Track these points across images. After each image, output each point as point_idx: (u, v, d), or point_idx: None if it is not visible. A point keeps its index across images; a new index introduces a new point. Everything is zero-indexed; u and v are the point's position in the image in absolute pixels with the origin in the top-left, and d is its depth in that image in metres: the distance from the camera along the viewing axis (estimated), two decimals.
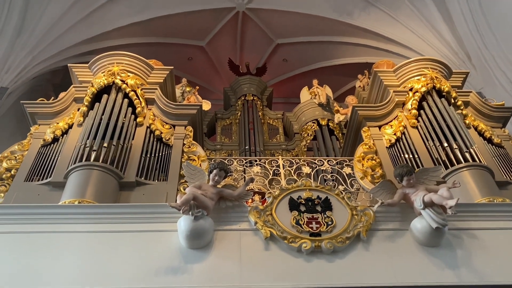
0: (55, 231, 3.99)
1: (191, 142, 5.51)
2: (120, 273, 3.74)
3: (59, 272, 3.71)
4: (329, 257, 3.94)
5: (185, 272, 3.80)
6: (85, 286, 3.63)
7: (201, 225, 3.89)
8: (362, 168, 5.21)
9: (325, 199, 4.35)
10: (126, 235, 4.01)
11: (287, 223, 4.12)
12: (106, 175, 4.64)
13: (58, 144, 5.27)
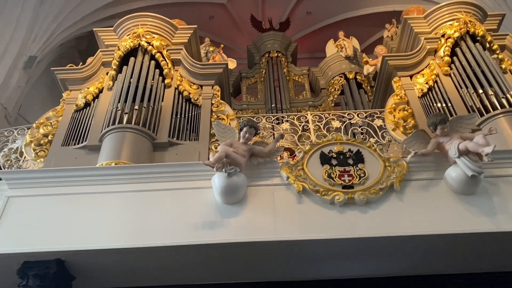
0: (95, 192, 4.15)
1: (219, 101, 5.54)
2: (159, 229, 3.88)
3: (101, 231, 3.88)
4: (363, 209, 3.97)
5: (221, 226, 3.91)
6: (126, 243, 3.80)
7: (235, 181, 3.97)
8: (394, 119, 5.13)
9: (357, 152, 4.34)
10: (163, 193, 4.13)
11: (319, 177, 4.14)
12: (139, 136, 4.75)
13: (90, 109, 5.39)
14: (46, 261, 3.78)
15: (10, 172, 4.24)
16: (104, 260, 3.88)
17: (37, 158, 4.81)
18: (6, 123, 7.74)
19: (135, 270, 4.04)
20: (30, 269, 3.76)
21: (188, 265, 4.04)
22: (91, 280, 4.08)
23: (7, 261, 3.78)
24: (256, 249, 3.89)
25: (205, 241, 3.81)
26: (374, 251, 3.97)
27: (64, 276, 3.90)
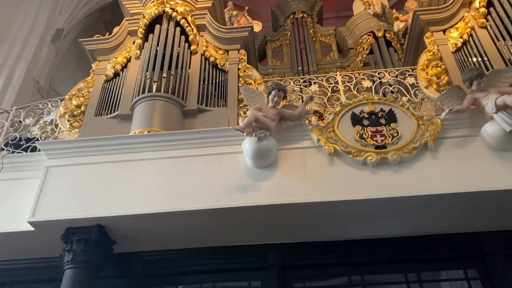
0: (129, 159, 4.25)
1: (246, 66, 5.48)
2: (192, 194, 3.97)
3: (137, 197, 4.00)
4: (396, 168, 3.93)
5: (253, 190, 3.96)
6: (161, 208, 3.90)
7: (265, 145, 3.98)
8: (427, 76, 4.97)
9: (389, 111, 4.25)
10: (195, 159, 4.19)
11: (351, 138, 4.11)
12: (169, 104, 4.79)
13: (119, 78, 5.45)
14: (87, 227, 3.95)
15: (48, 143, 4.38)
16: (141, 224, 4.02)
17: (72, 129, 4.94)
18: (39, 96, 7.96)
19: (170, 233, 4.17)
20: (73, 234, 3.94)
21: (220, 228, 4.14)
22: (131, 243, 4.25)
23: (51, 228, 3.98)
24: (288, 211, 3.93)
25: (237, 204, 3.88)
26: (408, 210, 3.95)
27: (105, 240, 4.07)
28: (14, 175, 4.42)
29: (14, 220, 4.08)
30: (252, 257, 4.35)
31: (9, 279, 4.53)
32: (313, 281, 4.34)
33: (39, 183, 4.16)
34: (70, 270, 3.83)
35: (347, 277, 4.33)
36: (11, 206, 4.19)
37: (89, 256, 3.89)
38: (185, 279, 4.42)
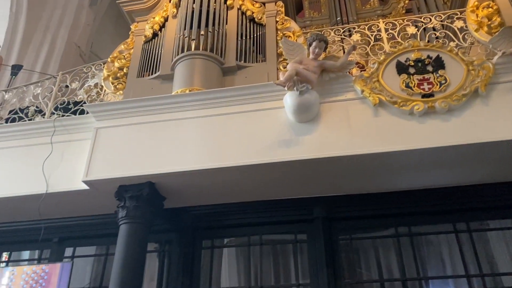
0: (173, 119, 4.33)
1: (283, 18, 5.33)
2: (236, 150, 4.01)
3: (183, 154, 4.09)
4: (444, 117, 3.79)
5: (296, 144, 3.96)
6: (204, 165, 3.99)
7: (307, 99, 3.93)
8: (477, 18, 4.66)
9: (437, 58, 4.06)
10: (236, 116, 4.21)
11: (396, 88, 3.98)
12: (208, 62, 4.78)
13: (158, 38, 5.46)
14: (138, 184, 4.12)
15: (95, 105, 4.52)
16: (187, 181, 4.14)
17: (116, 91, 5.06)
18: (82, 61, 8.16)
19: (217, 189, 4.28)
20: (125, 191, 4.13)
21: (265, 182, 4.20)
22: (180, 199, 4.41)
23: (105, 186, 4.17)
24: (332, 165, 3.92)
25: (280, 159, 3.89)
26: (456, 160, 3.84)
27: (156, 196, 4.24)
28: (66, 138, 4.62)
29: (70, 180, 4.31)
30: (297, 210, 4.43)
31: (69, 235, 4.86)
32: (359, 233, 4.39)
33: (90, 144, 4.34)
34: (125, 225, 4.04)
35: (393, 228, 4.34)
36: (66, 167, 4.42)
37: (142, 211, 4.07)
38: (233, 232, 4.59)
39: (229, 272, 4.54)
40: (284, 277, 4.33)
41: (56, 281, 4.18)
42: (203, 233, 4.60)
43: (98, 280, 4.64)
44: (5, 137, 4.80)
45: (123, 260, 3.85)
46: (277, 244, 4.51)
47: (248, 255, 4.47)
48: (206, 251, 4.55)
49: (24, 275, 4.33)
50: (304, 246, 4.36)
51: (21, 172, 4.51)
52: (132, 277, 3.79)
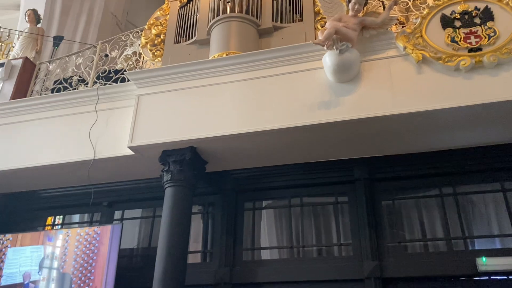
0: (211, 84, 4.34)
1: None
2: (275, 113, 4.00)
3: (222, 119, 4.13)
4: (493, 72, 3.61)
5: (336, 105, 3.90)
6: (244, 129, 4.01)
7: (347, 57, 3.84)
8: None
9: (485, 9, 3.83)
10: (275, 78, 4.17)
11: (441, 43, 3.81)
12: (244, 24, 4.72)
13: (194, 3, 5.40)
14: (181, 149, 4.21)
15: (136, 72, 4.59)
16: (227, 145, 4.20)
17: (154, 58, 5.11)
18: (119, 30, 8.26)
19: (257, 152, 4.32)
20: (169, 156, 4.24)
21: (305, 145, 4.19)
22: (221, 162, 4.49)
23: (149, 151, 4.30)
24: (374, 125, 3.85)
25: (320, 121, 3.85)
26: (504, 116, 3.68)
27: (198, 161, 4.33)
28: (110, 105, 4.76)
29: (116, 146, 4.47)
30: (338, 172, 4.43)
31: (117, 199, 5.09)
32: (401, 194, 4.34)
33: (133, 111, 4.45)
34: (170, 189, 4.17)
35: (437, 188, 4.26)
36: (111, 134, 4.57)
37: (185, 175, 4.19)
38: (274, 194, 4.66)
39: (271, 232, 4.64)
40: (326, 238, 4.38)
41: (108, 242, 4.42)
42: (245, 195, 4.70)
43: (147, 241, 4.87)
44: (52, 106, 4.99)
45: (170, 221, 4.00)
46: (318, 206, 4.53)
47: (289, 216, 4.54)
48: (248, 213, 4.66)
49: (78, 236, 4.60)
50: (345, 207, 4.38)
51: (70, 140, 4.71)
52: (179, 237, 3.94)
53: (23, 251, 4.82)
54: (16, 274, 4.73)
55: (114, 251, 4.35)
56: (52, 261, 4.64)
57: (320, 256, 4.32)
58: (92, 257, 4.42)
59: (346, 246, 4.22)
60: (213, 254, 4.48)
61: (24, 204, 5.44)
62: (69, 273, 4.46)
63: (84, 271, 4.40)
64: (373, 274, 3.86)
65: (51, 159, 4.69)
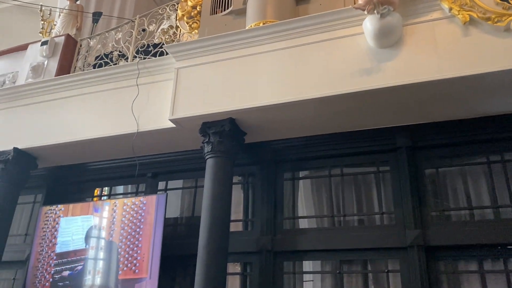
0: (249, 54, 4.32)
1: None
2: (314, 82, 3.95)
3: (261, 90, 4.12)
4: None
5: (378, 71, 3.80)
6: (282, 99, 3.99)
7: (389, 22, 3.71)
8: None
9: None
10: (313, 46, 4.10)
11: (489, 2, 3.60)
12: None
13: None
14: (220, 120, 4.26)
15: (174, 45, 4.63)
16: (266, 115, 4.20)
17: (191, 30, 5.12)
18: (154, 4, 8.28)
19: (296, 122, 4.31)
20: (209, 128, 4.30)
21: (345, 113, 4.13)
22: (260, 133, 4.52)
23: (190, 123, 4.38)
24: (418, 91, 3.74)
25: (361, 89, 3.77)
26: None
27: (237, 132, 4.37)
28: (150, 79, 4.84)
29: (157, 119, 4.57)
30: (379, 141, 4.35)
31: (161, 170, 5.24)
32: (446, 162, 4.23)
33: (172, 84, 4.52)
34: (211, 159, 4.25)
35: (484, 155, 4.12)
36: (153, 107, 4.67)
37: (225, 146, 4.24)
38: (314, 164, 4.65)
39: (311, 202, 4.66)
40: (367, 207, 4.36)
41: (154, 211, 4.60)
42: (284, 165, 4.72)
43: (190, 210, 5.02)
44: (95, 81, 5.14)
45: (212, 191, 4.10)
46: (359, 175, 4.50)
47: (329, 186, 4.54)
48: (287, 183, 4.69)
49: (125, 206, 4.80)
50: (387, 176, 4.32)
51: (113, 114, 4.85)
52: (221, 207, 4.04)
53: (75, 221, 5.09)
54: (69, 242, 5.03)
55: (160, 220, 4.52)
56: (99, 230, 4.88)
57: (361, 225, 4.32)
58: (139, 226, 4.62)
59: (388, 215, 4.19)
60: (254, 223, 4.57)
61: (74, 176, 5.71)
62: (117, 241, 4.69)
63: (132, 239, 4.61)
64: (416, 242, 3.82)
65: (96, 133, 4.87)
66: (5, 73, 6.17)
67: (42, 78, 5.61)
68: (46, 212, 5.31)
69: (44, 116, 5.27)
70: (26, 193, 5.67)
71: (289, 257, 4.31)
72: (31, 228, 5.63)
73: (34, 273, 5.06)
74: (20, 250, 5.51)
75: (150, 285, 4.32)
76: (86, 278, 4.75)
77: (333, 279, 4.16)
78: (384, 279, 3.99)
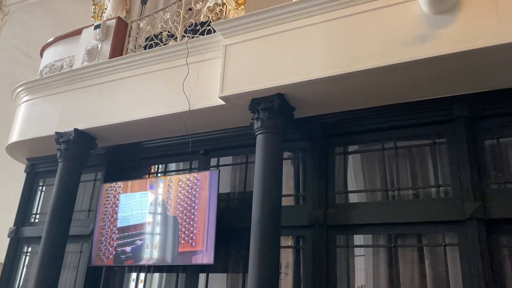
0: (297, 27, 4.25)
1: None
2: (366, 52, 3.83)
3: (310, 63, 4.06)
4: None
5: (433, 39, 3.62)
6: (332, 71, 3.91)
7: None
8: None
9: None
10: (364, 15, 3.96)
11: None
12: None
13: None
14: (269, 96, 4.26)
15: (221, 23, 4.64)
16: (317, 89, 4.15)
17: (237, 6, 5.10)
18: None
19: (347, 95, 4.23)
20: (258, 104, 4.32)
21: (399, 84, 4.00)
22: (309, 108, 4.49)
23: (239, 100, 4.42)
24: (476, 58, 3.53)
25: (416, 57, 3.62)
26: None
27: (286, 107, 4.36)
28: (199, 58, 4.91)
29: (208, 97, 4.65)
30: (435, 111, 4.18)
31: (212, 147, 5.35)
32: (507, 132, 4.01)
33: (221, 61, 4.55)
34: (261, 135, 4.29)
35: None
36: (203, 85, 4.75)
37: (275, 122, 4.26)
38: (366, 138, 4.56)
39: (363, 176, 4.61)
40: (422, 180, 4.25)
41: (207, 186, 4.74)
42: (335, 140, 4.67)
43: (242, 185, 5.12)
44: (146, 62, 5.28)
45: (263, 166, 4.15)
46: (413, 148, 4.38)
47: (383, 159, 4.46)
48: (339, 157, 4.65)
49: (180, 182, 4.98)
50: (443, 147, 4.17)
51: (165, 93, 4.99)
52: (272, 181, 4.10)
53: (133, 197, 5.35)
54: (129, 217, 5.30)
55: (214, 195, 4.66)
56: (156, 206, 5.10)
57: (416, 198, 4.23)
58: (194, 201, 4.79)
59: (445, 187, 4.06)
60: (306, 197, 4.60)
61: (130, 155, 5.96)
62: (175, 215, 4.89)
63: (188, 214, 4.79)
64: (475, 215, 3.69)
65: (150, 113, 5.04)
66: (62, 58, 6.48)
67: (96, 61, 5.85)
68: (106, 189, 5.61)
69: (101, 98, 5.52)
70: (87, 171, 6.01)
71: (342, 230, 4.31)
72: (93, 204, 5.97)
73: (99, 246, 5.40)
74: (84, 225, 5.87)
75: (207, 257, 4.49)
76: (145, 251, 5.01)
77: (387, 253, 4.13)
78: (441, 253, 3.90)
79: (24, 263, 6.38)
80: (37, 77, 6.57)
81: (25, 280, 6.24)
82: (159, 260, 4.92)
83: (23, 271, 6.33)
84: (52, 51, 6.78)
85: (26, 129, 6.14)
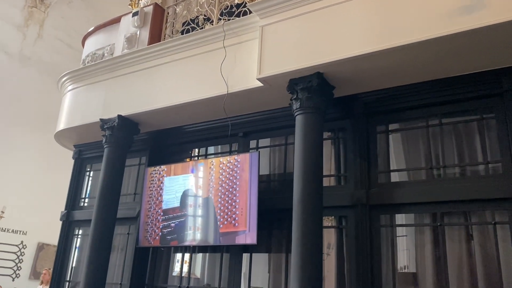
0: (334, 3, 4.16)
1: None
2: (407, 27, 3.69)
3: (350, 39, 3.97)
4: None
5: (480, 8, 3.42)
6: (372, 47, 3.80)
7: None
8: None
9: None
10: None
11: None
12: None
13: None
14: (307, 76, 4.21)
15: (257, 3, 4.59)
16: (357, 66, 4.05)
17: None
18: None
19: (388, 71, 4.11)
20: (296, 84, 4.28)
21: (443, 58, 3.83)
22: (349, 86, 4.40)
23: (277, 81, 4.39)
24: None
25: (461, 29, 3.45)
26: None
27: (325, 86, 4.30)
28: (236, 40, 4.90)
29: (246, 79, 4.65)
30: (482, 85, 4.00)
31: (251, 129, 5.37)
32: None
33: (258, 43, 4.53)
34: (300, 116, 4.26)
35: None
36: (240, 68, 4.75)
37: (314, 102, 4.21)
38: (409, 115, 4.43)
39: (406, 155, 4.50)
40: (469, 157, 4.09)
41: (248, 168, 4.78)
42: (377, 118, 4.57)
43: (282, 167, 5.12)
44: (184, 47, 5.33)
45: (303, 147, 4.13)
46: (459, 124, 4.22)
47: (427, 137, 4.32)
48: (381, 136, 4.55)
49: (221, 165, 5.05)
50: (492, 122, 3.99)
51: (204, 77, 5.03)
52: (313, 162, 4.07)
53: (176, 180, 5.48)
54: (173, 199, 5.45)
55: (254, 176, 4.70)
56: (197, 189, 5.20)
57: (463, 176, 4.09)
58: (235, 182, 4.85)
59: (494, 164, 3.90)
60: (348, 177, 4.54)
61: (173, 139, 6.09)
62: (217, 197, 4.98)
63: (230, 195, 4.86)
64: None
65: (189, 97, 5.10)
66: (103, 46, 6.66)
67: (136, 48, 5.97)
68: (151, 173, 5.78)
69: (141, 84, 5.64)
70: (132, 156, 6.20)
71: (386, 210, 4.24)
72: (138, 187, 6.17)
73: (145, 228, 5.60)
74: (131, 207, 6.09)
75: (250, 237, 4.56)
76: (188, 233, 5.15)
77: (433, 231, 4.04)
78: (491, 231, 3.78)
79: (76, 245, 6.71)
80: (80, 66, 6.80)
81: (78, 261, 6.58)
82: (202, 241, 5.04)
83: (75, 252, 6.67)
84: (93, 40, 6.97)
85: (72, 117, 6.39)
